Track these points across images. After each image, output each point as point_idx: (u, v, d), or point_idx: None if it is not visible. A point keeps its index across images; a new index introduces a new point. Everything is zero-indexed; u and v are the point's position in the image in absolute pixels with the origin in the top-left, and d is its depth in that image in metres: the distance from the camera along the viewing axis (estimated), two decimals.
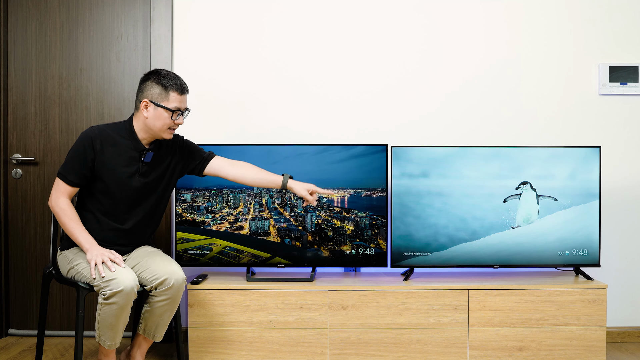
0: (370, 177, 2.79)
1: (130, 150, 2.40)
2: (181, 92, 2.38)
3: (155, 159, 2.45)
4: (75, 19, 3.07)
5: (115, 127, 2.43)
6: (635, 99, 3.09)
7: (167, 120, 2.36)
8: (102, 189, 2.39)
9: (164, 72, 2.38)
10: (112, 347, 2.32)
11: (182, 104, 2.39)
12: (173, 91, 2.36)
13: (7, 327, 3.12)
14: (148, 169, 2.43)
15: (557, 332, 2.68)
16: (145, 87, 2.37)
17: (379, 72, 3.07)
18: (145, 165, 2.42)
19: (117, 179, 2.38)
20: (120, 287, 2.20)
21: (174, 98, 2.36)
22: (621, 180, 3.09)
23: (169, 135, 2.41)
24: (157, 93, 2.35)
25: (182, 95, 2.39)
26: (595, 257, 2.81)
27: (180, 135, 2.58)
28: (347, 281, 2.75)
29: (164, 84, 2.35)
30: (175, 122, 2.39)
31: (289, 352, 2.65)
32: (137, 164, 2.41)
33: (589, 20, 3.08)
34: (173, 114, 2.36)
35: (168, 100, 2.35)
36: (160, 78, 2.36)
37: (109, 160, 2.37)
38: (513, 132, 3.08)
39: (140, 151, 2.41)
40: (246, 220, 2.81)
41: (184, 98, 2.40)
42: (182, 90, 2.38)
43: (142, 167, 2.41)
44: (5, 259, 3.08)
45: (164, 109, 2.35)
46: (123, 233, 2.44)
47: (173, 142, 2.53)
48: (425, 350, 2.66)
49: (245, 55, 3.06)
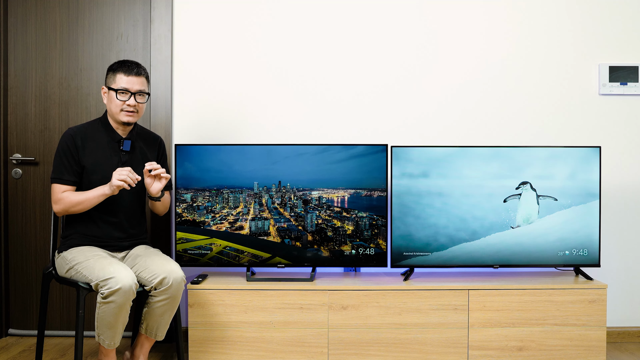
0: (370, 177, 2.79)
1: (109, 141, 2.50)
2: (127, 73, 2.45)
3: (136, 148, 2.55)
4: (75, 19, 3.07)
5: (92, 124, 2.55)
6: (635, 99, 3.09)
7: (117, 102, 2.45)
8: (89, 184, 2.45)
9: (121, 60, 2.51)
10: (111, 347, 2.33)
11: (130, 85, 2.45)
12: (119, 73, 2.46)
13: (7, 327, 3.12)
14: (129, 157, 2.52)
15: (557, 332, 2.68)
16: (105, 78, 2.51)
17: (379, 72, 3.07)
18: (125, 154, 2.51)
19: (101, 171, 2.45)
20: (118, 286, 2.20)
21: (119, 79, 2.45)
22: (621, 180, 3.09)
23: (127, 118, 2.48)
24: (109, 77, 2.49)
25: (129, 76, 2.45)
26: (595, 257, 2.81)
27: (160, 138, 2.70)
28: (347, 281, 2.75)
29: (113, 67, 2.49)
30: (127, 102, 2.45)
31: (289, 352, 2.65)
32: (118, 154, 2.50)
33: (589, 20, 3.08)
34: (117, 93, 2.44)
35: (115, 81, 2.46)
36: (114, 65, 2.49)
37: (90, 154, 2.46)
38: (513, 132, 3.08)
39: (118, 141, 2.51)
40: (246, 220, 2.81)
41: (133, 80, 2.46)
42: (129, 72, 2.46)
43: (123, 157, 2.51)
44: (5, 259, 3.08)
45: (113, 90, 2.45)
46: (117, 225, 2.50)
47: (155, 139, 2.66)
48: (425, 350, 2.66)
49: (245, 55, 3.06)
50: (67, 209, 2.42)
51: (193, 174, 2.77)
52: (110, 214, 2.49)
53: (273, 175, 2.78)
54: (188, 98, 3.05)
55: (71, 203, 2.40)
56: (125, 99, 2.45)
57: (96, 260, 2.32)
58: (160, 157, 2.66)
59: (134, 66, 2.47)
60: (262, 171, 2.78)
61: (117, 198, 2.47)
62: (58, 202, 2.42)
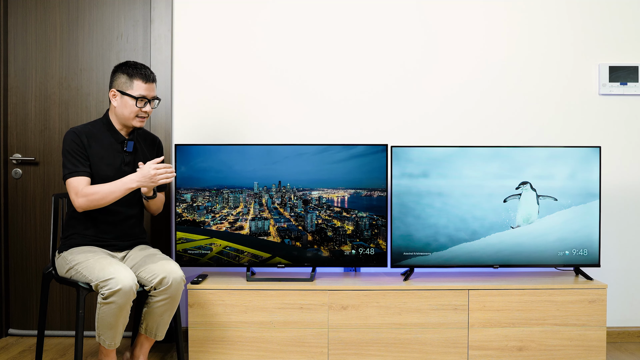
0: (370, 177, 2.79)
1: (112, 142, 2.49)
2: (145, 81, 2.44)
3: (137, 149, 2.54)
4: (75, 19, 3.07)
5: (94, 124, 2.53)
6: (635, 99, 3.09)
7: (133, 108, 2.44)
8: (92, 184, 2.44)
9: (131, 63, 2.47)
10: (112, 347, 2.33)
11: (147, 92, 2.45)
12: (137, 79, 2.43)
13: (7, 327, 3.12)
14: (131, 158, 2.52)
15: (557, 332, 2.68)
16: (113, 78, 2.47)
17: (379, 72, 3.07)
18: (128, 155, 2.51)
19: (104, 171, 2.45)
20: (119, 286, 2.20)
21: (138, 86, 2.43)
22: (621, 180, 3.09)
23: (139, 124, 2.48)
24: (122, 82, 2.44)
25: (147, 83, 2.45)
26: (595, 257, 2.81)
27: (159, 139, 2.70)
28: (347, 281, 2.75)
29: (128, 72, 2.44)
30: (143, 109, 2.45)
31: (289, 352, 2.65)
32: (121, 155, 2.50)
33: (589, 20, 3.08)
34: (137, 101, 2.42)
35: (132, 88, 2.43)
36: (126, 68, 2.45)
37: (94, 154, 2.45)
38: (513, 132, 3.08)
39: (121, 142, 2.50)
40: (246, 220, 2.81)
41: (150, 86, 2.46)
42: (147, 79, 2.45)
43: (126, 157, 2.51)
44: (5, 259, 3.08)
45: (129, 97, 2.43)
46: (117, 225, 2.50)
47: (153, 140, 2.65)
48: (425, 350, 2.66)
49: (245, 55, 3.06)
50: (92, 202, 2.35)
51: (193, 174, 2.77)
52: (111, 214, 2.49)
53: (273, 175, 2.78)
54: (188, 98, 3.05)
55: (98, 196, 2.35)
56: (142, 106, 2.44)
57: (96, 261, 2.32)
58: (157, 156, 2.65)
59: (150, 72, 2.46)
60: (262, 171, 2.78)
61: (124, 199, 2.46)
62: (82, 196, 2.35)
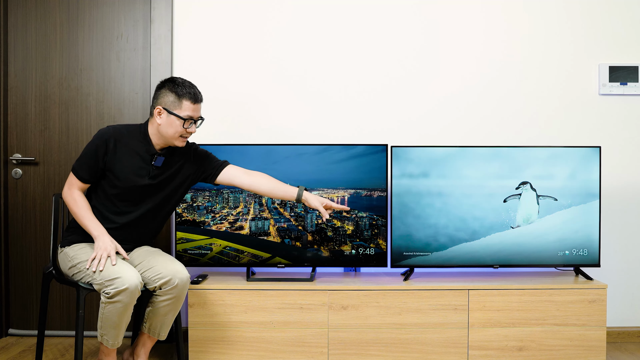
0: (370, 177, 2.79)
1: (142, 152, 2.42)
2: (194, 101, 2.38)
3: (166, 163, 2.46)
4: (75, 19, 3.07)
5: (131, 129, 2.46)
6: (635, 99, 3.09)
7: (179, 128, 2.37)
8: (110, 185, 2.41)
9: (179, 81, 2.39)
10: (114, 347, 2.32)
11: (195, 113, 2.39)
12: (186, 100, 2.36)
13: (7, 327, 3.12)
14: (158, 172, 2.44)
15: (557, 332, 2.68)
16: (159, 94, 2.39)
17: (379, 72, 3.07)
18: (155, 169, 2.43)
19: (125, 177, 2.39)
20: (125, 286, 2.20)
21: (186, 106, 2.37)
22: (621, 180, 3.09)
23: (181, 143, 2.42)
24: (170, 101, 2.37)
25: (195, 104, 2.39)
26: (595, 257, 2.81)
27: (195, 143, 2.59)
28: (347, 281, 2.75)
29: (177, 92, 2.36)
30: (188, 130, 2.39)
31: (289, 352, 2.65)
32: (148, 167, 2.42)
33: (588, 20, 3.08)
34: (185, 122, 2.37)
35: (181, 108, 2.36)
36: (174, 86, 2.37)
37: (120, 158, 2.39)
38: (513, 132, 3.08)
39: (152, 155, 2.43)
40: (246, 220, 2.81)
41: (198, 107, 2.40)
42: (196, 99, 2.39)
43: (152, 171, 2.43)
44: (5, 259, 3.08)
45: (176, 117, 2.36)
46: (124, 230, 2.45)
47: (187, 147, 2.53)
48: (425, 350, 2.66)
49: (245, 55, 3.06)
50: (67, 201, 2.42)
51: None
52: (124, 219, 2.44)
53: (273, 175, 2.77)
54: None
55: (69, 204, 2.41)
56: (187, 127, 2.38)
57: None
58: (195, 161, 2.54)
59: (198, 92, 2.40)
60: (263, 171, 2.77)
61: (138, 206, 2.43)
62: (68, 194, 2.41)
